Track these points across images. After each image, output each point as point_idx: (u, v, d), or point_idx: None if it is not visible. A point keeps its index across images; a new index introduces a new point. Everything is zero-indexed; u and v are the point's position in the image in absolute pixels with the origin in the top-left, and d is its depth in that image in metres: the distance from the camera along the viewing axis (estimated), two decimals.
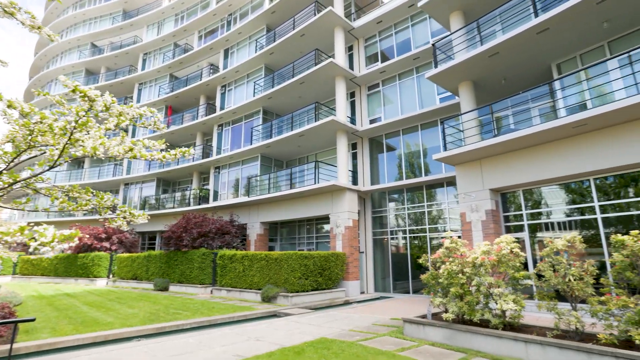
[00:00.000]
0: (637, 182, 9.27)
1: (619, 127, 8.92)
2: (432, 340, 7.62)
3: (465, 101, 12.68)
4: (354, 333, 8.49)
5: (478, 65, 11.96)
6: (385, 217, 17.59)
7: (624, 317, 5.50)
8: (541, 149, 10.28)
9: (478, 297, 7.17)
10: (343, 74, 18.30)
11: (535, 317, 8.72)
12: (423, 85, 16.77)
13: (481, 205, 11.23)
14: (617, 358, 5.28)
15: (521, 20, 11.21)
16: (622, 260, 5.68)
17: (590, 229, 9.91)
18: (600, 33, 10.26)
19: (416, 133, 16.82)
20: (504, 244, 6.89)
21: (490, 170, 11.33)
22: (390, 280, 16.74)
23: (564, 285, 6.12)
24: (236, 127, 23.91)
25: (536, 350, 6.12)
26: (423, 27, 17.48)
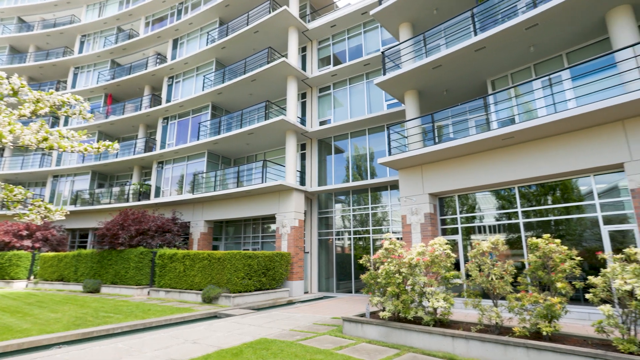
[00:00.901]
0: (554, 191, 10.33)
1: (540, 141, 9.89)
2: (369, 338, 7.88)
3: (410, 109, 13.31)
4: (295, 333, 8.52)
5: (423, 76, 12.61)
6: (331, 218, 17.88)
7: (535, 312, 6.11)
8: (476, 158, 11.10)
9: (413, 296, 7.55)
10: (295, 74, 18.32)
11: (464, 314, 9.38)
12: (372, 91, 17.32)
13: (421, 208, 11.86)
14: (527, 348, 5.85)
15: (463, 37, 12.01)
16: (536, 261, 6.32)
17: (515, 232, 10.86)
18: (527, 56, 11.32)
19: (364, 137, 17.32)
20: (437, 245, 7.34)
21: (430, 175, 12.00)
22: (334, 280, 17.05)
23: (487, 283, 6.66)
24: (183, 121, 22.90)
25: (461, 344, 6.58)
26: (375, 34, 18.06)
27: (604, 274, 5.46)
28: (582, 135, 9.20)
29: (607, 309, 5.25)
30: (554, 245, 6.17)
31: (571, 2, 9.14)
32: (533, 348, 5.80)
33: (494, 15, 11.47)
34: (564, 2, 9.13)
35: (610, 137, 8.75)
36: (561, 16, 9.63)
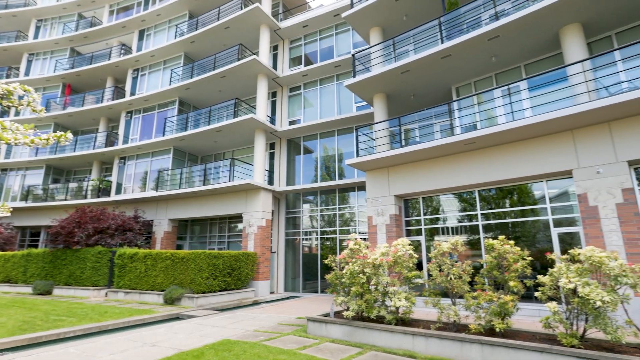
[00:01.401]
0: (512, 195, 10.88)
1: (499, 147, 10.39)
2: (333, 337, 7.95)
3: (378, 112, 13.57)
4: (259, 333, 8.45)
5: (392, 80, 12.90)
6: (299, 218, 17.88)
7: (489, 310, 6.42)
8: (440, 161, 11.48)
9: (376, 296, 7.70)
10: (266, 72, 18.16)
11: (426, 312, 9.68)
12: (342, 93, 17.49)
13: (386, 209, 12.12)
14: (482, 344, 6.14)
15: (430, 44, 12.38)
16: (491, 261, 6.64)
17: (476, 234, 11.32)
18: (490, 65, 11.87)
19: (333, 138, 17.46)
20: (401, 246, 7.53)
21: (396, 177, 12.28)
22: (300, 280, 17.06)
23: (446, 283, 6.91)
24: (148, 115, 22.06)
25: (421, 342, 6.79)
26: (346, 37, 18.25)
27: (551, 274, 5.83)
28: (536, 143, 9.75)
29: (553, 306, 5.60)
30: (508, 247, 6.51)
31: (528, 18, 9.68)
32: (487, 344, 6.09)
33: (460, 25, 11.92)
34: (522, 17, 9.66)
35: (561, 145, 9.33)
36: (520, 30, 10.17)
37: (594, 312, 5.29)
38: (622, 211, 8.22)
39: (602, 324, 5.24)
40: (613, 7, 9.39)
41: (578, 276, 5.49)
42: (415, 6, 13.72)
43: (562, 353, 5.38)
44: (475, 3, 11.62)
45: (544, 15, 9.59)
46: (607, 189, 8.46)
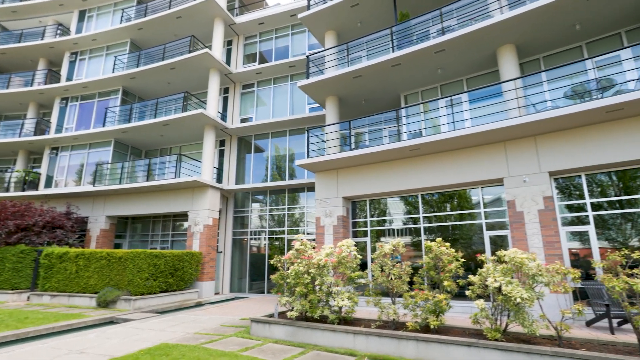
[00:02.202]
0: (452, 199, 11.56)
1: (442, 154, 10.99)
2: (276, 338, 7.92)
3: (330, 114, 13.77)
4: (200, 336, 8.18)
5: (344, 84, 13.15)
6: (248, 217, 17.60)
7: (425, 308, 6.78)
8: (387, 165, 11.90)
9: (320, 296, 7.80)
10: (218, 67, 17.65)
11: (368, 311, 9.96)
12: (296, 93, 17.51)
13: (334, 211, 12.33)
14: (417, 341, 6.47)
15: (382, 52, 12.80)
16: (429, 262, 7.02)
17: (419, 236, 11.85)
18: (436, 76, 12.55)
19: (285, 137, 17.42)
20: (345, 247, 7.71)
21: (345, 179, 12.54)
22: (246, 280, 16.78)
23: (387, 283, 7.19)
24: (87, 104, 20.43)
25: (361, 340, 6.99)
26: (302, 38, 18.29)
27: (480, 273, 6.30)
28: (474, 152, 10.47)
29: (481, 304, 6.06)
30: (444, 248, 6.93)
31: (469, 35, 10.39)
32: (422, 340, 6.43)
33: (410, 36, 12.48)
34: (464, 34, 10.35)
35: (494, 155, 10.12)
36: (463, 45, 10.88)
37: (515, 308, 5.81)
38: (543, 217, 9.10)
39: (521, 319, 5.77)
40: (539, 34, 10.37)
41: (503, 276, 6.00)
42: (370, 14, 14.13)
43: (486, 346, 5.83)
44: (424, 17, 12.24)
45: (483, 34, 10.35)
46: (531, 196, 9.33)
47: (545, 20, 9.86)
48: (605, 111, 8.23)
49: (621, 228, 8.80)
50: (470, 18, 11.34)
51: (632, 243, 8.60)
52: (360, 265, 8.21)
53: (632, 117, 8.43)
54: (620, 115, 8.40)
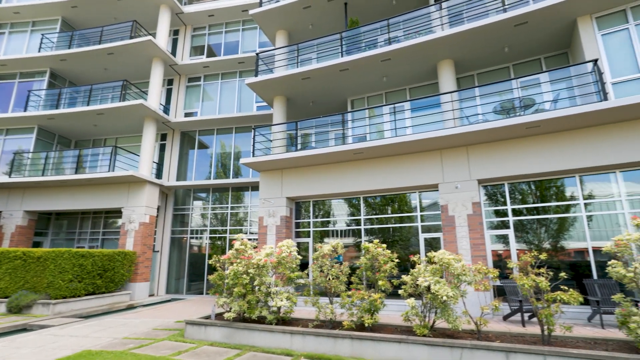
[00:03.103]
0: (393, 202, 12.05)
1: (384, 159, 11.43)
2: (212, 340, 7.70)
3: (277, 114, 13.71)
4: (128, 341, 7.69)
5: (293, 84, 13.17)
6: (188, 215, 16.90)
7: (361, 307, 7.00)
8: (332, 168, 12.11)
9: (259, 296, 7.73)
10: (162, 57, 16.76)
11: (308, 311, 10.03)
12: (244, 90, 17.18)
13: (278, 211, 12.28)
14: (352, 339, 6.66)
15: (332, 56, 13.03)
16: (366, 263, 7.27)
17: (361, 237, 12.19)
18: (381, 84, 13.05)
19: (231, 135, 17.01)
20: (285, 247, 7.72)
21: (289, 180, 12.54)
22: (185, 281, 16.09)
23: (325, 283, 7.32)
24: (5, 84, 18.26)
25: (298, 340, 7.04)
26: (253, 34, 18.00)
27: (412, 274, 6.66)
28: (414, 158, 11.03)
29: (412, 302, 6.41)
30: (380, 249, 7.21)
31: (413, 47, 10.98)
32: (356, 338, 6.63)
33: (359, 43, 12.85)
34: (408, 46, 10.91)
35: (431, 162, 10.75)
36: (407, 57, 11.44)
37: (442, 305, 6.22)
38: (471, 221, 9.86)
39: (446, 315, 6.19)
40: (475, 52, 11.24)
41: (432, 275, 6.40)
42: (321, 17, 14.32)
43: (415, 342, 6.18)
44: (373, 26, 12.67)
45: (425, 47, 10.97)
46: (462, 202, 10.06)
47: (479, 41, 10.70)
48: (525, 127, 9.13)
49: (537, 232, 9.81)
50: (415, 31, 11.96)
51: (545, 245, 9.63)
52: (302, 266, 8.29)
53: (548, 134, 9.45)
54: (537, 131, 9.37)
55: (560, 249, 9.49)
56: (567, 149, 9.18)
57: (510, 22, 9.95)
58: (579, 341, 6.01)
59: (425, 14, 11.96)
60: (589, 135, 9.02)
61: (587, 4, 9.30)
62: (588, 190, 9.40)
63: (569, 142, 9.19)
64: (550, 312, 5.57)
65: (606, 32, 9.43)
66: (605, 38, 9.42)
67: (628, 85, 8.91)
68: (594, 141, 8.94)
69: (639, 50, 8.93)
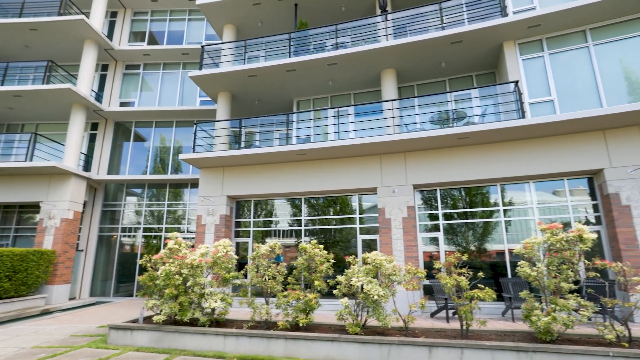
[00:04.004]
0: (336, 204, 12.28)
1: (327, 161, 11.60)
2: (139, 345, 7.26)
3: (221, 109, 13.34)
4: (39, 350, 6.97)
5: (239, 81, 12.89)
6: (120, 212, 15.75)
7: (296, 307, 7.06)
8: (275, 167, 12.04)
9: (192, 297, 7.44)
10: (96, 39, 15.46)
11: (245, 312, 9.86)
12: (187, 83, 16.47)
13: (217, 209, 11.93)
14: (286, 339, 6.68)
15: (280, 56, 12.97)
16: (303, 263, 7.34)
17: (301, 237, 12.23)
18: (327, 87, 13.28)
19: (171, 129, 16.20)
20: (221, 247, 7.53)
21: (231, 178, 12.25)
22: (112, 282, 14.96)
23: (261, 283, 7.27)
24: None
25: (232, 342, 6.90)
26: (199, 26, 17.33)
27: (347, 274, 6.86)
28: (356, 162, 11.35)
29: (345, 301, 6.60)
30: (317, 250, 7.33)
31: (358, 54, 11.34)
32: (290, 338, 6.66)
33: (307, 45, 12.96)
34: (354, 52, 11.24)
35: (372, 166, 11.15)
36: (352, 63, 11.77)
37: (373, 304, 6.48)
38: (406, 224, 10.41)
39: (377, 314, 6.47)
40: (415, 64, 11.89)
41: (365, 276, 6.64)
42: (271, 16, 14.20)
43: (347, 340, 6.37)
44: (322, 29, 12.86)
45: (369, 55, 11.38)
46: (398, 205, 10.58)
47: (419, 54, 11.35)
48: (457, 138, 9.86)
49: (465, 235, 10.62)
50: (362, 39, 12.35)
51: (472, 247, 10.45)
52: (241, 266, 8.13)
53: (476, 145, 10.28)
54: (467, 142, 10.16)
55: (483, 251, 10.38)
56: (491, 160, 10.08)
57: (447, 39, 10.68)
58: (492, 334, 6.62)
59: (372, 23, 12.41)
60: (509, 148, 9.99)
61: (511, 31, 10.31)
62: (508, 197, 10.40)
63: (493, 154, 10.09)
64: (468, 309, 6.07)
65: (526, 57, 10.51)
66: (526, 63, 10.50)
67: (542, 106, 10.02)
68: (513, 154, 9.91)
69: (551, 76, 10.09)
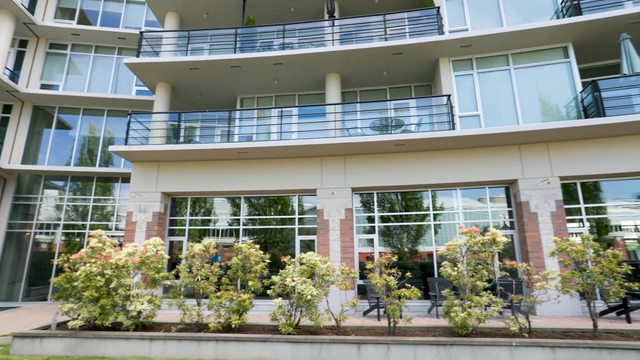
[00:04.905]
0: (277, 204, 12.20)
1: (268, 160, 11.50)
2: (50, 354, 6.63)
3: (159, 101, 12.65)
4: None
5: (180, 73, 12.32)
6: (35, 206, 14.18)
7: (229, 308, 6.92)
8: (215, 165, 11.67)
9: (116, 300, 6.95)
10: (13, 10, 13.79)
11: (176, 315, 9.43)
12: (122, 70, 15.35)
13: (151, 206, 11.27)
14: (217, 341, 6.53)
15: (225, 50, 12.61)
16: (238, 263, 7.23)
17: (243, 237, 11.95)
18: (272, 86, 13.21)
19: (102, 117, 14.98)
20: (151, 246, 7.14)
21: (167, 174, 11.64)
22: (22, 285, 13.40)
23: (193, 284, 7.02)
24: None
25: (159, 346, 6.58)
26: (139, 10, 16.26)
27: (281, 274, 6.89)
28: (297, 163, 11.41)
29: (279, 302, 6.62)
30: (253, 250, 7.26)
31: (303, 56, 11.46)
32: (221, 340, 6.53)
33: (254, 42, 12.77)
34: (300, 54, 11.34)
35: (312, 167, 11.29)
36: (298, 64, 11.86)
37: (306, 304, 6.58)
38: (343, 225, 10.71)
39: (310, 313, 6.58)
40: (358, 71, 12.30)
41: (300, 276, 6.72)
42: (218, 8, 13.79)
43: (279, 340, 6.39)
44: (270, 28, 12.79)
45: (315, 59, 11.55)
46: (336, 207, 10.84)
47: (363, 61, 11.76)
48: (394, 144, 10.37)
49: (400, 237, 11.18)
50: (309, 41, 12.48)
51: (405, 249, 11.04)
52: (173, 266, 7.76)
53: (412, 152, 10.89)
54: (404, 149, 10.73)
55: (415, 252, 11.02)
56: (424, 167, 10.75)
57: (389, 50, 11.20)
58: (416, 330, 7.07)
59: (319, 27, 12.59)
60: (441, 157, 10.74)
61: (446, 49, 11.11)
62: (439, 203, 11.17)
63: (426, 161, 10.77)
64: (395, 307, 6.42)
65: (459, 74, 11.40)
66: (458, 79, 11.38)
67: (470, 119, 10.93)
68: (444, 162, 10.67)
69: (478, 93, 11.05)
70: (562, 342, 5.89)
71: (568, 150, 10.05)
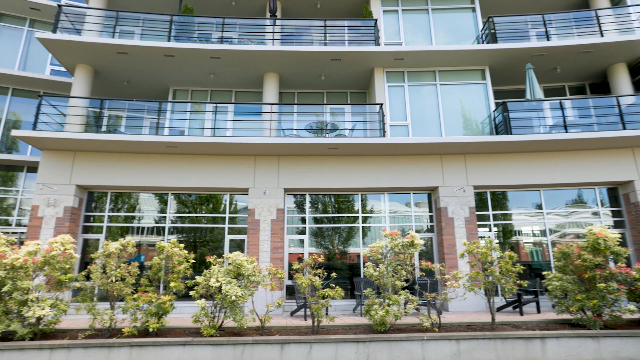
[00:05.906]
0: (209, 202, 11.74)
1: (199, 157, 11.07)
2: None
3: (79, 85, 11.48)
4: None
5: (105, 56, 11.33)
6: None
7: (147, 311, 6.53)
8: (141, 158, 10.91)
9: (10, 306, 6.16)
10: None
11: (86, 320, 8.62)
12: (34, 45, 13.67)
13: (62, 200, 10.17)
14: (131, 347, 6.13)
15: (159, 37, 11.84)
16: (159, 263, 6.85)
17: (170, 235, 11.28)
18: (208, 80, 12.75)
19: (6, 97, 13.16)
20: (58, 244, 6.45)
21: (84, 165, 10.61)
22: None
23: (107, 285, 6.50)
24: None
25: (61, 356, 5.99)
26: None
27: (205, 274, 6.68)
28: (230, 160, 11.13)
29: (202, 303, 6.41)
30: (177, 249, 6.94)
31: (242, 53, 11.26)
32: (136, 345, 6.14)
33: (191, 33, 12.20)
34: (238, 50, 11.12)
35: (246, 166, 11.08)
36: (236, 60, 11.61)
37: (231, 305, 6.47)
38: (274, 225, 10.69)
39: (234, 314, 6.47)
40: (296, 73, 12.39)
41: (225, 276, 6.58)
42: None
43: (200, 343, 6.20)
44: (209, 20, 12.32)
45: (254, 56, 11.40)
46: (268, 207, 10.79)
47: (302, 63, 11.88)
48: (327, 147, 10.62)
49: (331, 238, 11.45)
50: (248, 38, 12.26)
51: (335, 250, 11.34)
52: (86, 267, 7.07)
53: (344, 156, 11.25)
54: (337, 152, 11.04)
55: (344, 254, 11.38)
56: (356, 171, 11.17)
57: (328, 55, 11.46)
58: (339, 328, 7.32)
59: (260, 25, 12.44)
60: (372, 162, 11.25)
61: (381, 59, 11.69)
62: (369, 206, 11.66)
63: (358, 166, 11.21)
64: (319, 307, 6.59)
65: (391, 84, 12.06)
66: (391, 89, 12.03)
67: (399, 128, 11.62)
68: (374, 167, 11.20)
69: (408, 104, 11.81)
70: (465, 335, 6.54)
71: (482, 163, 11.18)
